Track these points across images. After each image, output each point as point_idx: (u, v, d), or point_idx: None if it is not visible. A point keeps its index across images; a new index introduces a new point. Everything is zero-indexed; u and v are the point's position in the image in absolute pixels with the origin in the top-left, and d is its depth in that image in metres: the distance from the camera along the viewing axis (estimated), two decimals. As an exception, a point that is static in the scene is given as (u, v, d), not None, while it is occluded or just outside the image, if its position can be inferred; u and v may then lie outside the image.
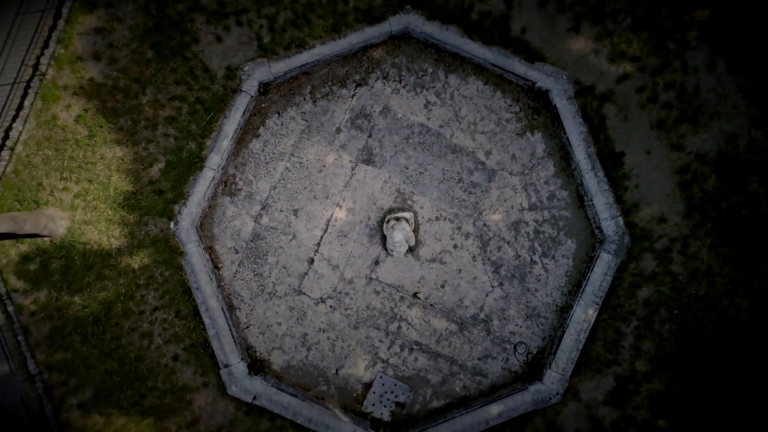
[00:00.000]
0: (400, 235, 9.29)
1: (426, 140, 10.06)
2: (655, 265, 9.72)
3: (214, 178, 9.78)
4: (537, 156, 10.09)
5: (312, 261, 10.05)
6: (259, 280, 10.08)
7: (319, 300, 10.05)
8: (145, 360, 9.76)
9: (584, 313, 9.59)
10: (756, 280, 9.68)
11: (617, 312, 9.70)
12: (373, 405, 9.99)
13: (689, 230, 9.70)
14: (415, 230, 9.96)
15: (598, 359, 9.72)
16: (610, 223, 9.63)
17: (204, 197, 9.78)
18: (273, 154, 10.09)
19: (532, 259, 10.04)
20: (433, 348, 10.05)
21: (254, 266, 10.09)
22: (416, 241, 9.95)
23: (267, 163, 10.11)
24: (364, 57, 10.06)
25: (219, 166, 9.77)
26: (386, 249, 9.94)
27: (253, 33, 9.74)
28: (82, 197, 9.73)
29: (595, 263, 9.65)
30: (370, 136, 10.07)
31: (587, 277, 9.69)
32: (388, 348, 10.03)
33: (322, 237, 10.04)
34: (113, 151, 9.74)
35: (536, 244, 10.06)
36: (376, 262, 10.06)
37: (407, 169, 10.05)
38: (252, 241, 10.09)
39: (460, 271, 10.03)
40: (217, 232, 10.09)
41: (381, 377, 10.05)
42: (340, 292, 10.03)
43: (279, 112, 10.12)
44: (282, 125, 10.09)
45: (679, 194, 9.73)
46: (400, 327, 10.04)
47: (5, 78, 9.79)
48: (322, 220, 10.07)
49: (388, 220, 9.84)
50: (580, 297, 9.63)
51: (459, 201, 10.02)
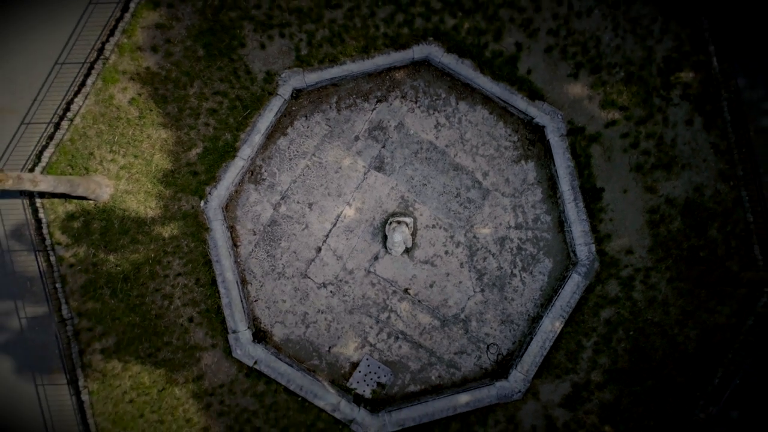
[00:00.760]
0: (399, 237, 10.64)
1: (432, 156, 11.41)
2: (619, 290, 11.06)
3: (243, 167, 11.14)
4: (528, 182, 11.43)
5: (319, 250, 11.40)
6: (271, 261, 11.44)
7: (322, 285, 11.41)
8: (163, 318, 11.14)
9: (551, 325, 10.92)
10: (705, 315, 11.01)
11: (580, 327, 11.04)
12: (358, 382, 11.35)
13: (652, 263, 11.04)
14: (413, 234, 11.30)
15: (559, 366, 11.06)
16: (583, 248, 10.97)
17: (232, 183, 11.14)
18: (297, 151, 11.45)
19: (512, 271, 11.38)
20: (416, 339, 11.40)
21: (268, 248, 11.45)
22: (413, 243, 11.29)
23: (290, 159, 11.47)
24: (387, 77, 11.41)
25: (249, 157, 11.13)
26: (386, 247, 11.28)
27: (293, 45, 11.10)
28: (127, 170, 11.10)
29: (567, 282, 10.98)
30: (383, 147, 11.42)
31: (558, 294, 11.03)
32: (377, 334, 11.39)
33: (330, 230, 11.39)
34: (158, 133, 11.11)
35: (518, 259, 11.40)
36: (376, 258, 11.41)
37: (413, 179, 11.39)
38: (269, 225, 11.45)
39: (448, 274, 11.38)
40: (240, 215, 11.45)
41: (367, 359, 11.41)
42: (340, 280, 11.39)
43: (306, 116, 11.48)
44: (308, 128, 11.45)
45: (647, 231, 11.06)
46: (389, 317, 11.39)
47: (73, 57, 11.16)
48: (332, 215, 11.42)
49: (390, 222, 11.18)
50: (550, 310, 10.97)
51: (454, 213, 11.37)
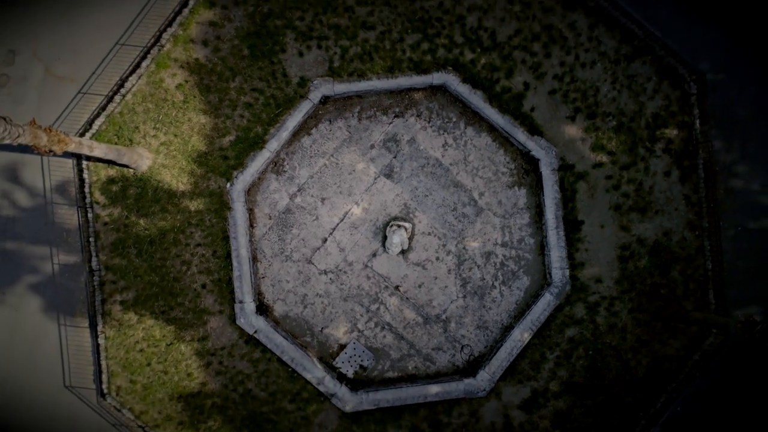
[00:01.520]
0: (397, 239, 12.01)
1: (437, 172, 12.78)
2: (584, 313, 12.42)
3: (268, 158, 12.52)
4: (518, 206, 12.79)
5: (325, 240, 12.79)
6: (281, 244, 12.83)
7: (323, 272, 12.79)
8: (180, 281, 12.53)
9: (521, 335, 12.29)
10: (657, 345, 12.38)
11: (546, 341, 12.41)
12: (343, 362, 12.74)
13: (617, 293, 12.40)
14: (410, 238, 12.66)
15: (522, 372, 12.43)
16: (558, 272, 12.33)
17: (257, 170, 12.53)
18: (317, 151, 12.83)
19: (493, 283, 12.75)
20: (399, 331, 12.78)
21: (280, 232, 12.84)
22: (409, 246, 12.65)
23: (311, 156, 12.85)
24: (406, 96, 12.79)
25: (275, 150, 12.51)
26: (384, 247, 12.64)
27: (327, 57, 12.48)
28: (166, 146, 12.50)
29: (539, 300, 12.35)
30: (394, 157, 12.79)
31: (530, 309, 12.39)
32: (366, 322, 12.77)
33: (338, 224, 12.77)
34: (198, 118, 12.51)
35: (499, 273, 12.77)
36: (374, 255, 12.78)
37: (416, 189, 12.77)
38: (284, 213, 12.84)
39: (436, 278, 12.75)
40: (259, 199, 12.84)
41: (354, 343, 12.79)
42: (340, 270, 12.77)
43: (330, 121, 12.86)
44: (330, 131, 12.83)
45: (616, 264, 12.43)
46: (379, 308, 12.77)
47: (132, 40, 12.55)
48: (341, 211, 12.80)
49: (391, 225, 12.54)
50: (521, 322, 12.33)
51: (449, 225, 12.74)
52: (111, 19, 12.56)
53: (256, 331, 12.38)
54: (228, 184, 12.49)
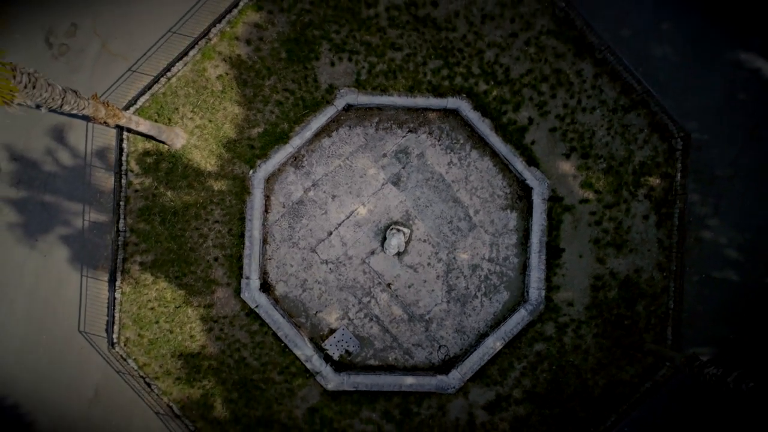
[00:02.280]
0: (395, 241, 13.32)
1: (439, 186, 14.09)
2: (553, 332, 13.72)
3: (290, 152, 13.85)
4: (508, 228, 14.10)
5: (330, 233, 14.11)
6: (290, 231, 14.15)
7: (324, 261, 14.12)
8: (195, 251, 13.87)
9: (494, 343, 13.60)
10: (615, 369, 13.68)
11: (515, 352, 13.72)
12: (331, 345, 14.06)
13: (585, 318, 13.70)
14: (407, 242, 13.97)
15: (490, 377, 13.74)
16: (535, 291, 13.64)
17: (278, 162, 13.85)
18: (335, 152, 14.15)
19: (475, 294, 14.06)
20: (385, 325, 14.10)
21: (291, 221, 14.16)
22: (405, 250, 13.96)
23: (328, 156, 14.17)
24: (422, 114, 14.11)
25: (297, 146, 13.84)
26: (382, 247, 13.94)
27: (356, 69, 13.80)
28: (200, 129, 13.84)
29: (515, 314, 13.66)
30: (403, 168, 14.11)
31: (505, 321, 13.70)
32: (356, 312, 14.09)
33: (343, 221, 14.09)
34: (233, 108, 13.84)
35: (483, 285, 14.08)
36: (372, 253, 14.09)
37: (419, 200, 14.08)
38: (296, 203, 14.16)
39: (425, 281, 14.07)
40: (276, 188, 14.17)
41: (343, 330, 14.11)
42: (340, 262, 14.09)
43: (350, 126, 14.18)
44: (348, 136, 14.16)
45: (588, 292, 13.73)
46: (370, 301, 14.09)
47: (183, 30, 13.88)
48: (348, 209, 14.11)
49: (391, 228, 13.85)
50: (496, 331, 13.65)
51: (444, 235, 14.05)
52: (167, 9, 13.89)
53: (257, 306, 13.70)
54: (251, 171, 13.82)
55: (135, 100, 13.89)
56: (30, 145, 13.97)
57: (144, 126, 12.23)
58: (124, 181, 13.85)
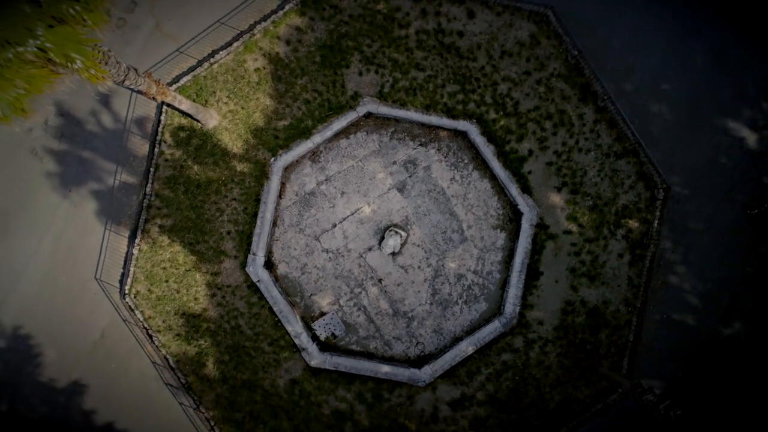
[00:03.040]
0: (392, 242, 14.69)
1: (439, 198, 15.46)
2: (521, 345, 15.10)
3: (310, 147, 15.23)
4: (495, 246, 15.47)
5: (335, 225, 15.49)
6: (298, 218, 15.53)
7: (325, 250, 15.49)
8: (211, 223, 15.26)
9: (466, 347, 14.97)
10: (571, 388, 15.04)
11: (484, 358, 15.10)
12: (319, 327, 15.45)
13: (552, 338, 15.07)
14: (403, 244, 15.34)
15: (458, 377, 15.12)
16: (511, 307, 15.00)
17: (298, 154, 15.23)
18: (350, 153, 15.52)
19: (457, 300, 15.44)
20: (371, 316, 15.48)
21: (301, 209, 15.54)
22: (399, 251, 15.32)
23: (344, 156, 15.55)
24: (434, 131, 15.47)
25: (317, 143, 15.21)
26: (380, 245, 15.30)
27: (381, 82, 15.16)
28: (232, 114, 15.22)
29: (489, 324, 15.02)
30: (409, 177, 15.48)
31: (480, 329, 15.07)
32: (347, 300, 15.47)
33: (348, 216, 15.46)
34: (264, 100, 15.22)
35: (465, 294, 15.45)
36: (369, 249, 15.47)
37: (419, 208, 15.45)
38: (308, 194, 15.53)
39: (413, 282, 15.45)
40: (292, 178, 15.55)
41: (333, 314, 15.49)
42: (339, 253, 15.47)
43: (368, 132, 15.55)
44: (365, 141, 15.53)
45: (558, 315, 15.09)
46: (360, 293, 15.47)
47: (231, 22, 15.25)
48: (354, 206, 15.48)
49: (390, 229, 15.21)
50: (470, 337, 15.02)
51: (436, 243, 15.42)
52: (220, 1, 15.27)
53: (258, 281, 15.08)
54: (272, 159, 15.19)
55: (178, 78, 15.27)
56: (77, 105, 15.36)
57: (185, 105, 13.62)
58: (156, 150, 15.24)
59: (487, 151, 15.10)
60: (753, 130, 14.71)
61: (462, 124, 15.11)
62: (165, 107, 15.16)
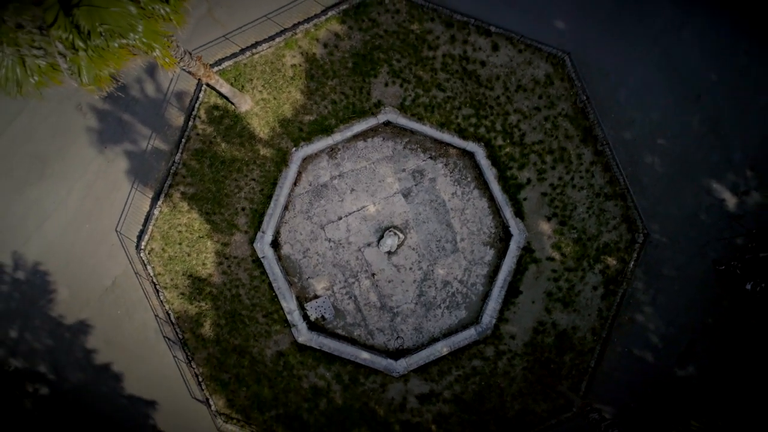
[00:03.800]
0: (390, 242, 16.04)
1: (439, 209, 16.81)
2: (492, 354, 16.44)
3: (329, 144, 16.60)
4: (484, 261, 16.81)
5: (340, 218, 16.85)
6: (308, 206, 16.90)
7: (328, 239, 16.86)
8: (229, 198, 16.64)
9: (441, 348, 16.31)
10: (530, 400, 16.38)
11: (456, 361, 16.44)
12: (311, 308, 16.81)
13: (521, 352, 16.40)
14: (399, 245, 16.68)
15: (430, 374, 16.46)
16: (488, 318, 16.34)
17: (318, 149, 16.60)
18: (365, 155, 16.88)
19: (440, 304, 16.78)
20: (360, 306, 16.84)
21: (312, 198, 16.91)
22: (395, 251, 16.67)
23: (359, 156, 16.91)
24: (444, 147, 16.82)
25: (337, 141, 16.58)
26: (378, 243, 16.65)
27: (403, 95, 16.52)
28: (264, 102, 16.60)
29: (466, 330, 16.36)
30: (415, 185, 16.83)
31: (456, 334, 16.41)
32: (340, 288, 16.83)
33: (354, 211, 16.82)
34: (295, 94, 16.60)
35: (448, 300, 16.80)
36: (368, 245, 16.82)
37: (419, 215, 16.80)
38: (321, 185, 16.90)
39: (403, 281, 16.80)
40: (309, 168, 16.92)
41: (325, 298, 16.85)
42: (340, 244, 16.84)
43: (384, 138, 16.92)
44: (380, 146, 16.89)
45: (530, 332, 16.42)
46: (353, 283, 16.83)
47: (277, 19, 16.62)
48: (361, 204, 16.84)
49: (390, 230, 16.55)
50: (446, 339, 16.36)
51: (430, 249, 16.77)
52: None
53: (263, 257, 16.46)
54: (294, 149, 16.56)
55: (220, 62, 16.66)
56: (125, 71, 16.70)
57: (224, 88, 15.00)
58: (190, 124, 16.63)
59: (490, 173, 16.43)
60: (734, 194, 16.01)
61: (471, 145, 16.45)
62: (205, 86, 16.54)
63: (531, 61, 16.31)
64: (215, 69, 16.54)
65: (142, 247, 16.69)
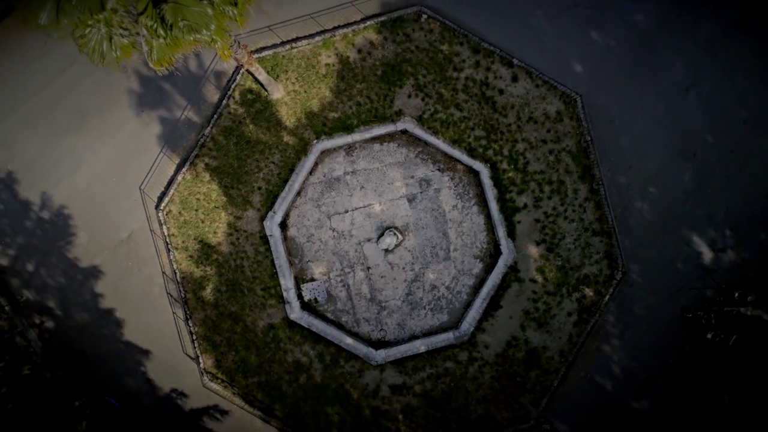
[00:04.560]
0: (388, 240, 17.32)
1: (439, 218, 18.08)
2: (465, 359, 17.71)
3: (348, 142, 17.88)
4: (472, 272, 18.07)
5: (347, 211, 18.13)
6: (319, 195, 18.19)
7: (332, 229, 18.15)
8: (249, 175, 17.94)
9: (419, 346, 17.59)
10: (492, 407, 17.65)
11: (431, 360, 17.71)
12: (307, 289, 18.11)
13: (491, 362, 17.67)
14: (397, 245, 17.96)
15: (405, 367, 17.75)
16: (467, 325, 17.61)
17: (337, 144, 17.89)
18: (379, 157, 18.16)
19: (425, 306, 18.06)
20: (351, 295, 18.12)
21: (323, 189, 18.20)
22: (392, 249, 17.95)
23: (373, 157, 18.19)
24: (452, 162, 18.09)
25: (356, 140, 17.87)
26: (377, 240, 17.92)
27: (423, 109, 17.79)
28: (295, 93, 17.89)
29: (444, 334, 17.64)
30: (421, 193, 18.11)
31: (436, 335, 17.68)
32: (336, 275, 18.13)
33: (360, 207, 18.10)
34: (325, 91, 17.88)
35: (433, 303, 18.07)
36: (368, 240, 18.11)
37: (419, 220, 18.08)
38: (334, 178, 18.19)
39: (394, 279, 18.08)
40: (326, 161, 18.20)
41: (321, 283, 18.15)
42: (343, 235, 18.13)
43: (399, 145, 18.19)
44: (394, 151, 18.17)
45: (503, 345, 17.68)
46: (349, 273, 18.12)
47: (319, 20, 17.91)
48: (368, 201, 18.11)
49: (390, 229, 17.82)
50: (425, 339, 17.64)
51: (424, 254, 18.04)
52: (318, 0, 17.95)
53: (270, 235, 17.76)
54: (315, 141, 17.86)
55: (260, 50, 17.96)
56: (173, 44, 18.06)
57: (261, 75, 16.30)
58: (224, 102, 17.93)
59: (491, 193, 17.70)
60: (711, 249, 17.24)
61: (477, 165, 17.71)
62: (243, 71, 17.84)
63: (545, 97, 17.57)
64: (255, 56, 17.82)
65: (162, 207, 17.99)
